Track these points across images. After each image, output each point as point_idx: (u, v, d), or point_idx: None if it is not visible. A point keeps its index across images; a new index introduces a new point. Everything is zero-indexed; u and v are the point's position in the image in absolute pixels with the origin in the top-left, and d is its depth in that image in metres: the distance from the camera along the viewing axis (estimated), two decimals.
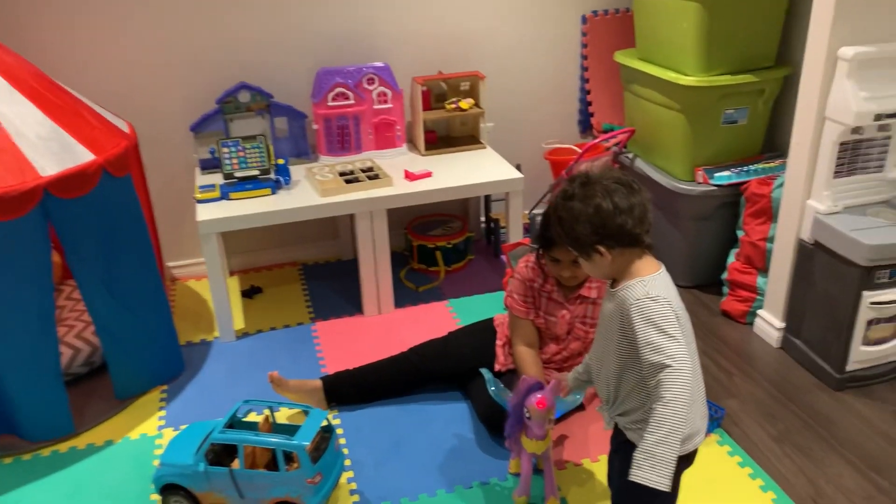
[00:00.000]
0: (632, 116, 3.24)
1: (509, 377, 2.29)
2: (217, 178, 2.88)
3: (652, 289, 1.48)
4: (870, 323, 2.36)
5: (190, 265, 3.28)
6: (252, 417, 2.27)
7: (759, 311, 2.78)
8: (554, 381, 1.88)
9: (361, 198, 2.77)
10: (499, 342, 2.40)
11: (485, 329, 2.47)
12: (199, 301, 3.12)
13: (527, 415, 1.91)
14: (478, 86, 3.19)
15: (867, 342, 2.40)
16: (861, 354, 2.41)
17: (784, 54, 2.90)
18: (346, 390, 2.43)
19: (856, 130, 2.33)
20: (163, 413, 2.45)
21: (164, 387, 2.57)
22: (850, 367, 2.43)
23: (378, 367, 2.47)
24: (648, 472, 1.37)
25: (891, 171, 2.45)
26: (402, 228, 3.34)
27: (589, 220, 1.50)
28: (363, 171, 2.94)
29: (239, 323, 2.93)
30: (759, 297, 2.80)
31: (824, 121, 2.37)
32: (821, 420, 2.33)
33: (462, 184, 2.89)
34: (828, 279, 2.43)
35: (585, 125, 3.53)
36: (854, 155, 2.40)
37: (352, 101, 3.03)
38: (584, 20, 3.33)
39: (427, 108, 3.18)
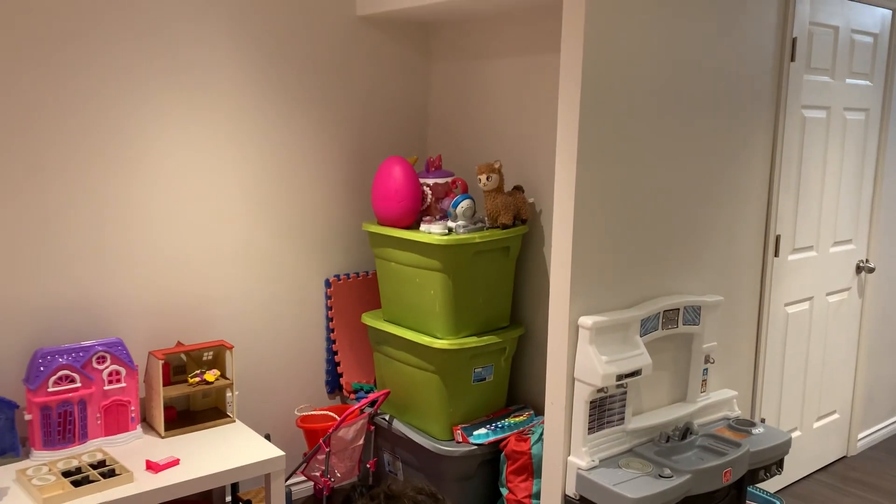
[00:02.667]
0: (383, 376, 3.25)
1: None
2: None
3: None
4: None
5: None
6: None
7: None
8: None
9: None
10: None
11: None
12: None
13: None
14: (223, 355, 2.98)
15: None
16: None
17: (516, 315, 3.20)
18: None
19: (601, 389, 2.58)
20: None
21: None
22: None
23: None
24: None
25: (630, 423, 2.72)
26: None
27: None
28: (94, 466, 2.48)
29: None
30: None
31: (574, 381, 2.59)
32: None
33: (217, 471, 2.57)
34: None
35: (334, 385, 3.45)
36: (601, 411, 2.63)
37: (78, 385, 2.61)
38: (328, 283, 3.37)
39: (167, 382, 2.86)
